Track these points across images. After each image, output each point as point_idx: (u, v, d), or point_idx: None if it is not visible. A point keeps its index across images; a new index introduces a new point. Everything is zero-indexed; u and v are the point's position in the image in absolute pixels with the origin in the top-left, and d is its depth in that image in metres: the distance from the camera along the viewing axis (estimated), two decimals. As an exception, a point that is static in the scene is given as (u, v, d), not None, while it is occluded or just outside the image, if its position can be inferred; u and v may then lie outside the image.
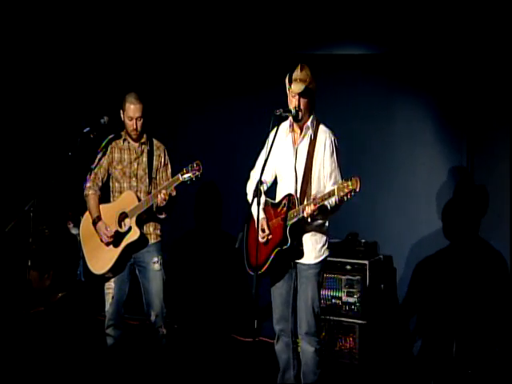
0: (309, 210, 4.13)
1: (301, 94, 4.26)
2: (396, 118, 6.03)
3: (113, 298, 5.03)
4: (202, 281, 6.68)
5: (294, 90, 4.26)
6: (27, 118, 6.93)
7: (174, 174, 5.00)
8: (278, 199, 4.49)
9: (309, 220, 4.22)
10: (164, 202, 4.75)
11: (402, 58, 5.88)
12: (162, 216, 4.98)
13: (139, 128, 4.94)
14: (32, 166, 6.90)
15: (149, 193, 4.95)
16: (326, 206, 4.19)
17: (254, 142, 4.56)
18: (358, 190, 3.98)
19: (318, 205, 4.12)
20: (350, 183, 4.00)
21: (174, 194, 4.81)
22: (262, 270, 4.32)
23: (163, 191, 4.73)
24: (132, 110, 4.91)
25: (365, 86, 6.04)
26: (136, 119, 4.90)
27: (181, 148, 6.25)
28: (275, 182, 4.59)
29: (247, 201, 4.46)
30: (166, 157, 5.10)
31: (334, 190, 4.09)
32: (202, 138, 6.57)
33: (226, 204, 6.62)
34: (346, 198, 4.06)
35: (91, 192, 5.05)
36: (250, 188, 4.51)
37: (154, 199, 4.80)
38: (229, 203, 6.48)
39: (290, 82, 4.30)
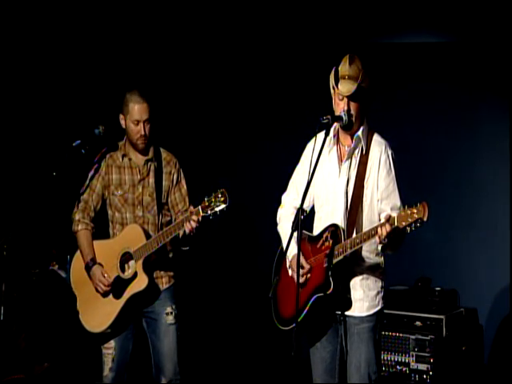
0: (384, 231, 3.75)
1: (351, 97, 3.91)
2: (477, 125, 5.75)
3: (113, 360, 4.58)
4: (222, 337, 6.51)
5: (343, 90, 3.91)
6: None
7: (191, 196, 4.68)
8: (316, 231, 4.12)
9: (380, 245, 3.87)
10: (194, 231, 4.34)
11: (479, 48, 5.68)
12: (186, 248, 4.59)
13: (148, 133, 4.56)
14: (4, 189, 6.48)
15: (159, 226, 4.58)
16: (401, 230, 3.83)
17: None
18: (425, 219, 3.66)
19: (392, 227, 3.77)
20: (414, 210, 3.68)
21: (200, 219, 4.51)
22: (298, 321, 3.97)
23: (193, 217, 4.32)
24: (138, 112, 4.52)
25: (430, 81, 5.81)
26: (144, 122, 4.53)
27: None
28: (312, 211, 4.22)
29: (278, 233, 4.20)
30: (180, 172, 4.71)
31: (393, 219, 3.74)
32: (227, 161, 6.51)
33: (258, 239, 6.40)
34: (408, 230, 3.71)
35: (82, 227, 4.61)
36: (284, 217, 4.21)
37: (178, 230, 4.40)
38: (262, 237, 5.97)
39: (337, 81, 3.94)
